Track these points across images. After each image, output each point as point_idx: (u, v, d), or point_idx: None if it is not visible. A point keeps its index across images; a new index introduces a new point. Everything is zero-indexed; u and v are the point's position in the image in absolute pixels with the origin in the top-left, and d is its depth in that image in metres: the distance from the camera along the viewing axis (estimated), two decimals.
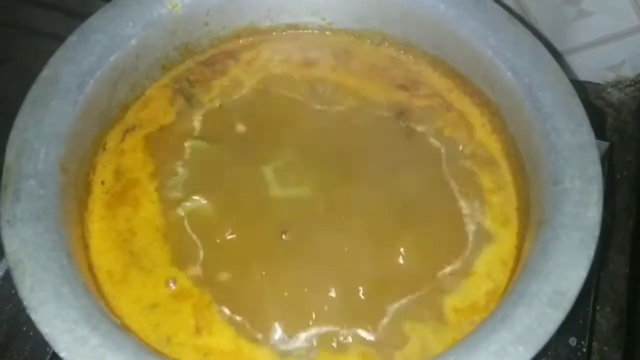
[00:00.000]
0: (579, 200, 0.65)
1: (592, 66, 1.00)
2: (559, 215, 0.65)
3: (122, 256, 0.71)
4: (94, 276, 0.69)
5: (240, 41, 0.86)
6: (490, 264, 0.72)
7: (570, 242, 0.63)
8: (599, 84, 1.02)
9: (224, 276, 0.71)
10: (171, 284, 0.70)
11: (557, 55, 0.96)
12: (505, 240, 0.73)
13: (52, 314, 0.58)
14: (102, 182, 0.76)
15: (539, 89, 0.72)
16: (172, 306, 0.69)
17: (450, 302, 0.70)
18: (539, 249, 0.64)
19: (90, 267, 0.70)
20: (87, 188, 0.74)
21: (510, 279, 0.70)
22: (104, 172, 0.76)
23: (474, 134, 0.80)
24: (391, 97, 0.83)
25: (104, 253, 0.71)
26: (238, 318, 0.68)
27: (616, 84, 1.02)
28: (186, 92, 0.81)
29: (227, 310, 0.69)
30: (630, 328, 0.83)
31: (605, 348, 0.82)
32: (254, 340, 0.68)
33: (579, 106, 0.71)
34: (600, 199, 0.65)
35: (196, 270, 0.71)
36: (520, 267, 0.66)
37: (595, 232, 0.63)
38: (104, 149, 0.77)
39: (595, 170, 0.67)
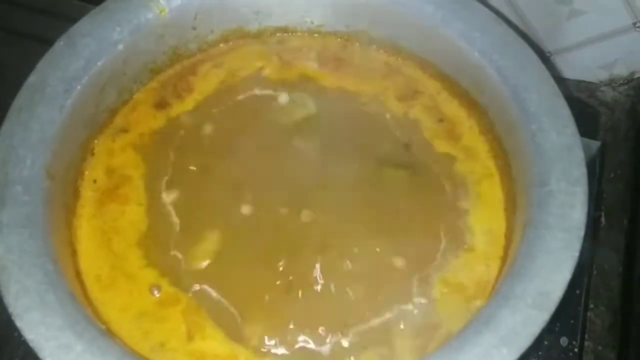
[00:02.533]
0: (565, 201, 0.65)
1: (586, 65, 1.00)
2: (544, 216, 0.65)
3: (108, 258, 0.71)
4: (81, 282, 0.69)
5: (222, 45, 0.86)
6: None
7: (555, 243, 0.63)
8: (592, 82, 1.02)
9: (209, 281, 0.71)
10: (155, 292, 0.70)
11: (544, 57, 0.96)
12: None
13: (36, 321, 0.59)
14: (94, 181, 0.76)
15: (525, 90, 0.72)
16: (160, 313, 0.69)
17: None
18: (524, 250, 0.64)
19: (78, 273, 0.70)
20: (75, 193, 0.74)
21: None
22: (95, 171, 0.77)
23: (461, 136, 0.80)
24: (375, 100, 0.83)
25: (91, 256, 0.71)
26: (230, 322, 0.69)
27: (609, 83, 1.01)
28: (167, 97, 0.82)
29: (217, 314, 0.69)
30: (624, 327, 0.83)
31: (600, 347, 0.82)
32: (248, 344, 0.68)
33: (565, 107, 0.71)
34: (586, 200, 0.65)
35: (180, 275, 0.71)
36: (506, 268, 0.66)
37: (581, 233, 0.63)
38: (92, 154, 0.77)
39: (580, 171, 0.67)
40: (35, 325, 0.58)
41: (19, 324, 0.58)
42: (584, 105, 1.00)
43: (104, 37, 0.76)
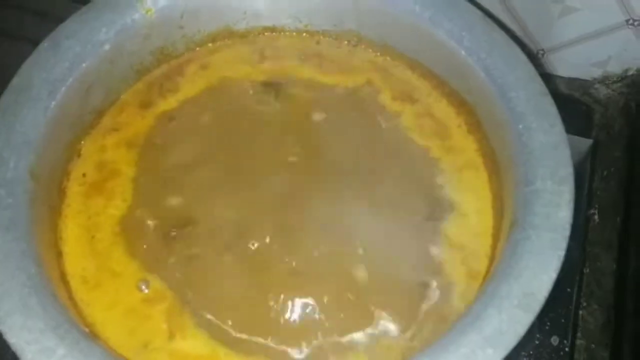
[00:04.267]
0: (550, 200, 0.65)
1: (579, 63, 1.00)
2: (530, 216, 0.64)
3: (93, 257, 0.71)
4: (66, 284, 0.69)
5: (209, 45, 0.86)
6: None
7: (541, 243, 0.62)
8: (585, 80, 1.02)
9: (193, 279, 0.71)
10: (143, 287, 0.70)
11: (532, 56, 0.96)
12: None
13: (18, 325, 0.58)
14: (84, 175, 0.76)
15: (512, 89, 0.72)
16: (145, 311, 0.69)
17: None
18: (510, 249, 0.63)
19: (63, 275, 0.69)
20: (60, 195, 0.74)
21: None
22: (86, 166, 0.77)
23: (450, 135, 0.80)
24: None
25: (76, 257, 0.71)
26: (213, 321, 0.68)
27: (603, 80, 1.01)
28: (153, 97, 0.82)
29: (200, 314, 0.69)
30: (617, 325, 0.83)
31: (593, 346, 0.82)
32: (229, 344, 0.68)
33: (552, 106, 0.70)
34: (572, 199, 0.65)
35: (164, 272, 0.71)
36: (492, 268, 0.66)
37: (566, 233, 0.63)
38: (79, 155, 0.77)
39: (566, 170, 0.66)
40: (17, 328, 0.58)
41: (1, 327, 0.58)
42: (577, 102, 1.00)
43: (90, 38, 0.76)
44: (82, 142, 0.78)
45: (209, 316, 0.68)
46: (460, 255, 0.72)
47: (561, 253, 0.62)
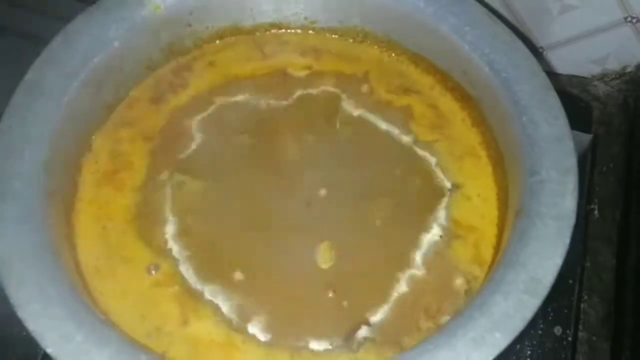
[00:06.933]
0: (555, 190, 0.66)
1: (578, 60, 1.00)
2: (536, 205, 0.65)
3: (105, 247, 0.72)
4: (80, 274, 0.70)
5: (217, 42, 0.87)
6: None
7: (547, 231, 0.64)
8: (584, 77, 1.02)
9: (204, 265, 0.72)
10: (152, 271, 0.71)
11: (535, 51, 0.97)
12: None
13: (38, 312, 0.59)
14: (96, 162, 0.77)
15: (516, 82, 0.73)
16: (155, 295, 0.70)
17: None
18: (516, 237, 0.65)
19: (77, 264, 0.70)
20: (73, 188, 0.75)
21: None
22: (100, 154, 0.78)
23: (453, 128, 0.81)
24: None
25: (89, 248, 0.72)
26: (226, 307, 0.70)
27: (602, 77, 1.02)
28: (163, 92, 0.83)
29: (212, 298, 0.70)
30: (618, 318, 0.84)
31: (594, 338, 0.82)
32: (243, 330, 0.69)
33: (555, 99, 0.72)
34: (576, 189, 0.66)
35: (175, 257, 0.72)
36: (499, 256, 0.67)
37: (571, 221, 0.64)
38: (90, 150, 0.78)
39: (570, 161, 0.67)
40: (37, 316, 0.59)
41: (20, 314, 0.59)
42: (576, 99, 1.00)
43: (100, 34, 0.77)
44: (93, 137, 0.79)
45: (225, 301, 0.70)
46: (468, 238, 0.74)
47: (566, 240, 0.63)
